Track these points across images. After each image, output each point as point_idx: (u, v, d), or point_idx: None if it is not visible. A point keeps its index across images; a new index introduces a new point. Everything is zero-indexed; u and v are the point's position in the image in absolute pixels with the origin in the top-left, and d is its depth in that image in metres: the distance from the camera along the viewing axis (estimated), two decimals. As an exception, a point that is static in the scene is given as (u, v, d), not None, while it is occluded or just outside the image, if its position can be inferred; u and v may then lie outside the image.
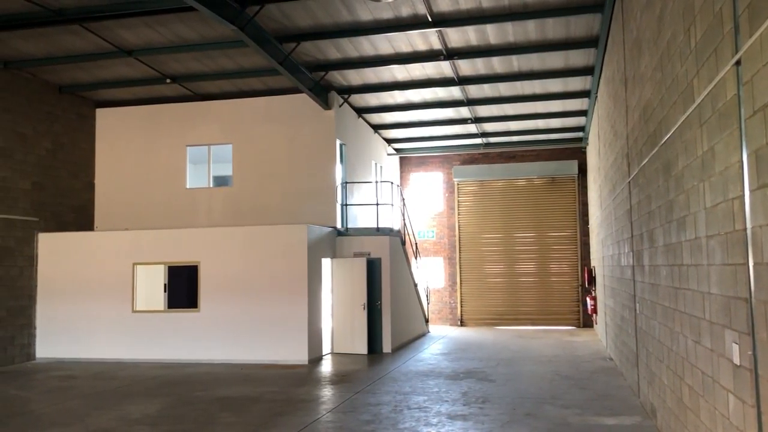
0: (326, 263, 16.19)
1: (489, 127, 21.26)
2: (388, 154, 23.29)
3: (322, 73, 15.80)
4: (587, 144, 21.76)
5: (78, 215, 17.32)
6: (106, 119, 18.21)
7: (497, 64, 15.54)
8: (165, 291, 15.36)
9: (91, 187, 17.90)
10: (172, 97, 17.88)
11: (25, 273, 15.48)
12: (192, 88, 17.24)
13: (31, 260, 15.68)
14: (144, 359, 15.19)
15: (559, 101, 18.34)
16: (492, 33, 13.70)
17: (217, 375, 13.12)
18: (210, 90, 17.44)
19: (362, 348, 15.92)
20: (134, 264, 15.55)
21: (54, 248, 15.88)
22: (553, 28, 13.38)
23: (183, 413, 9.67)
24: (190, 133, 17.83)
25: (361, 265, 16.18)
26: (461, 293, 23.68)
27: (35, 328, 15.69)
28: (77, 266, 15.77)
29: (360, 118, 19.65)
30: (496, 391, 11.03)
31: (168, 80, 16.26)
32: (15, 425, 9.13)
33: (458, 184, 24.03)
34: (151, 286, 15.61)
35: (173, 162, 17.83)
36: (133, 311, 15.43)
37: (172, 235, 15.62)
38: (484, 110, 19.36)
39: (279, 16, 12.72)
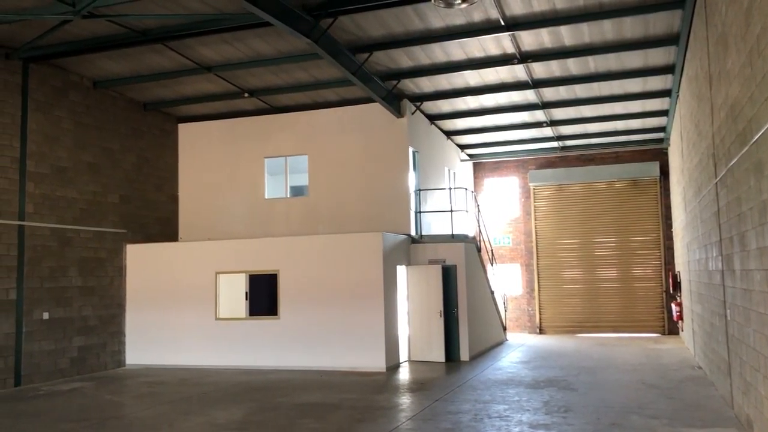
0: (401, 271, 16.22)
1: (565, 129, 20.84)
2: (462, 160, 23.16)
3: (395, 82, 15.89)
4: (669, 145, 21.00)
5: (163, 227, 18.01)
6: (187, 134, 18.89)
7: (573, 66, 15.23)
8: (246, 299, 15.75)
9: (174, 199, 18.59)
10: (250, 110, 18.37)
11: (115, 283, 16.20)
12: (269, 101, 17.67)
13: (121, 270, 16.40)
14: (227, 366, 15.61)
15: (639, 101, 17.79)
16: (567, 34, 13.44)
17: (297, 381, 13.34)
18: (286, 102, 17.83)
19: (439, 356, 15.84)
20: (217, 273, 16.03)
21: (141, 259, 16.56)
22: (630, 26, 13.01)
23: (266, 419, 9.87)
24: (267, 145, 18.27)
25: (437, 272, 16.13)
26: (539, 300, 23.25)
27: (125, 336, 16.39)
28: (163, 276, 16.39)
29: (432, 125, 19.64)
30: (579, 400, 10.76)
31: (246, 94, 16.72)
32: (110, 428, 9.56)
33: (534, 189, 23.64)
34: (233, 294, 16.03)
35: (252, 173, 18.31)
36: (216, 319, 15.90)
37: (252, 245, 16.02)
38: (559, 113, 19.00)
39: (352, 27, 12.88)
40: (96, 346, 15.44)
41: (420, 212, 17.61)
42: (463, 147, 22.91)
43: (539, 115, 19.20)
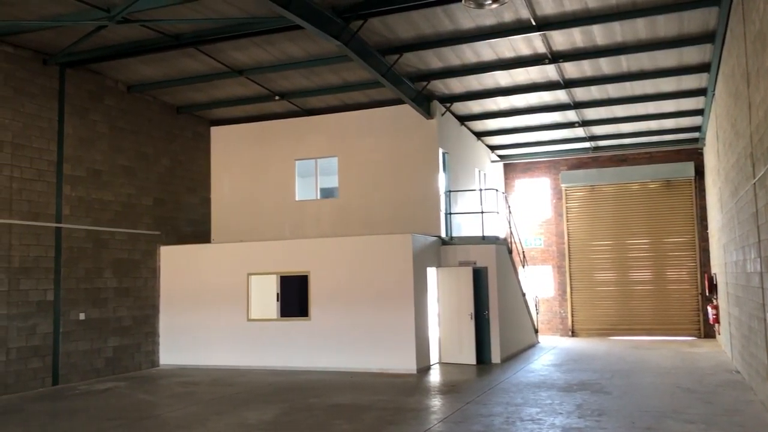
0: (431, 272, 16.18)
1: (598, 130, 20.60)
2: (492, 161, 23.03)
3: (425, 83, 15.86)
4: (704, 145, 20.62)
5: (196, 228, 18.23)
6: (220, 137, 19.10)
7: (605, 65, 15.04)
8: (278, 300, 15.86)
9: (207, 201, 18.80)
10: (281, 113, 18.51)
11: (149, 284, 16.44)
12: (299, 104, 17.78)
13: (154, 272, 16.64)
14: (258, 366, 15.73)
15: (673, 101, 17.50)
16: (599, 33, 13.28)
17: (328, 382, 13.38)
18: (316, 105, 17.92)
19: (470, 358, 15.76)
20: (248, 274, 16.17)
21: (174, 260, 16.78)
22: (664, 25, 12.80)
23: (298, 419, 9.92)
24: (298, 148, 18.38)
25: (467, 274, 16.06)
26: (572, 302, 22.99)
27: (159, 336, 16.62)
28: (196, 277, 16.59)
29: (462, 126, 19.56)
30: (613, 404, 10.61)
31: (277, 97, 16.85)
32: (145, 427, 9.70)
33: (566, 190, 23.41)
34: (265, 295, 16.15)
35: (283, 175, 18.43)
36: (248, 320, 16.03)
37: (283, 246, 16.13)
38: (591, 113, 18.79)
39: (382, 29, 12.90)
40: (130, 346, 15.69)
41: (450, 214, 17.55)
42: (493, 148, 22.78)
43: (571, 116, 19.00)
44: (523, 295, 19.24)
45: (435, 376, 14.10)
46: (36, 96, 13.62)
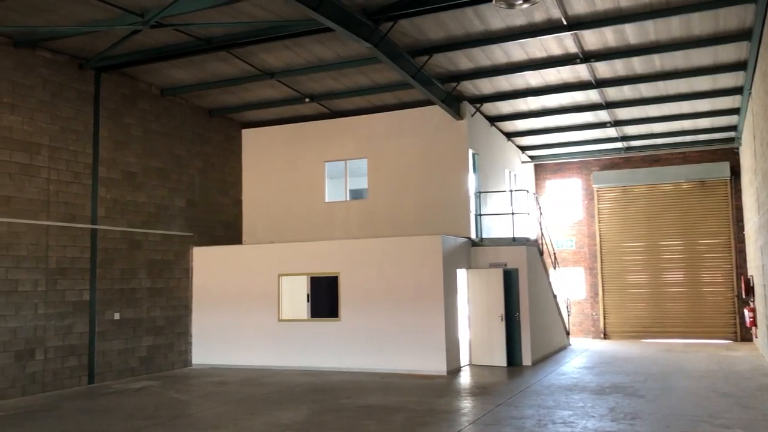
0: (461, 274, 16.12)
1: (630, 130, 20.34)
2: (522, 162, 22.88)
3: (454, 84, 15.83)
4: (740, 144, 20.23)
5: (227, 230, 18.43)
6: (251, 139, 19.28)
7: (638, 65, 14.85)
8: (308, 301, 15.95)
9: (238, 203, 18.99)
10: (311, 115, 18.62)
11: (182, 284, 16.66)
12: (329, 106, 17.87)
13: (187, 272, 16.86)
14: (289, 366, 15.83)
15: (708, 100, 17.20)
16: (631, 32, 13.12)
17: (358, 383, 13.42)
18: (345, 107, 17.99)
19: (501, 360, 15.67)
20: (279, 275, 16.29)
21: (207, 261, 16.99)
22: (699, 23, 12.60)
23: (329, 420, 9.97)
24: (327, 149, 18.47)
25: (498, 275, 15.97)
26: (604, 304, 22.73)
27: (191, 336, 16.83)
28: (227, 278, 16.76)
29: (492, 127, 19.47)
30: (647, 408, 10.46)
31: (307, 99, 16.96)
32: (178, 426, 9.83)
33: (598, 191, 23.15)
34: (295, 296, 16.25)
35: (312, 177, 18.53)
36: (279, 320, 16.15)
37: (313, 248, 16.22)
38: (624, 113, 18.56)
39: (411, 30, 12.91)
40: (164, 346, 15.91)
41: (480, 215, 17.47)
42: (524, 148, 22.63)
43: (603, 116, 18.80)
44: (554, 297, 19.08)
45: (465, 378, 14.04)
46: (72, 100, 13.90)
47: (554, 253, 21.98)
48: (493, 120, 19.16)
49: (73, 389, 13.34)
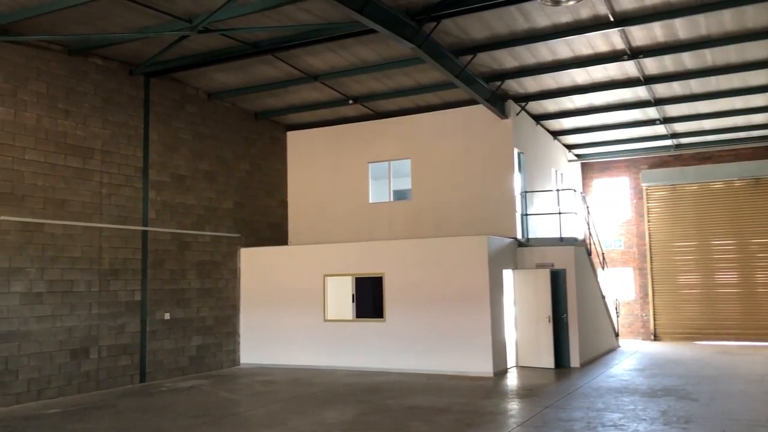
0: (507, 274, 15.98)
1: (680, 127, 19.87)
2: (569, 161, 22.55)
3: (498, 83, 15.70)
4: (797, 139, 19.57)
5: (274, 231, 18.65)
6: (295, 141, 19.47)
7: (688, 60, 14.50)
8: (353, 301, 16.03)
9: (284, 204, 19.20)
10: (354, 116, 18.70)
11: (230, 285, 16.93)
12: (372, 107, 17.93)
13: (235, 273, 17.12)
14: (335, 366, 15.93)
15: (762, 95, 16.68)
16: (681, 27, 12.82)
17: (404, 384, 13.42)
18: (389, 108, 18.02)
19: (548, 362, 15.47)
20: (324, 275, 16.41)
21: (254, 262, 17.22)
22: (753, 15, 12.24)
23: (376, 420, 9.99)
24: (371, 151, 18.52)
25: (545, 276, 15.77)
26: (654, 305, 22.23)
27: (239, 336, 17.08)
28: (274, 278, 16.97)
29: (538, 125, 19.25)
30: (701, 411, 10.19)
31: (350, 101, 17.05)
32: (228, 425, 9.99)
33: (647, 190, 22.67)
34: (341, 296, 16.34)
35: (356, 178, 18.61)
36: (325, 320, 16.27)
37: (358, 248, 16.29)
38: (673, 110, 18.14)
39: (455, 30, 12.86)
40: (213, 345, 16.19)
41: (526, 215, 17.29)
42: (570, 147, 22.32)
43: (651, 113, 18.40)
44: (603, 297, 18.75)
45: (512, 380, 13.92)
46: (123, 105, 14.26)
47: (602, 253, 21.60)
48: (539, 118, 18.94)
49: (125, 387, 13.68)
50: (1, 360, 11.58)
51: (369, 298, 16.05)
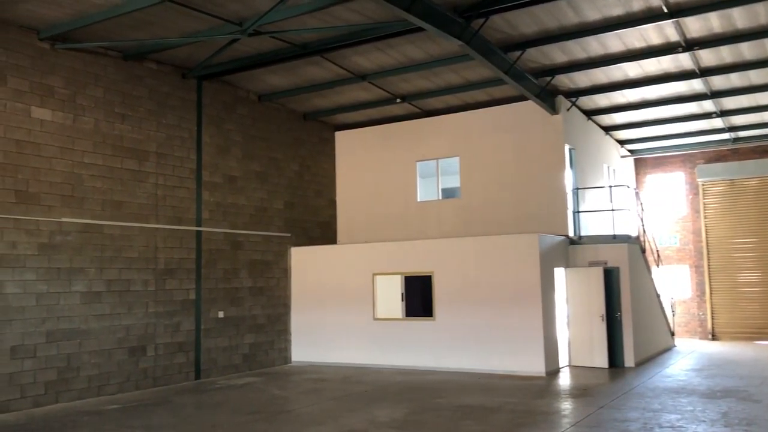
0: (559, 273, 15.75)
1: (738, 120, 19.26)
2: (622, 156, 22.10)
3: (548, 78, 15.48)
4: None
5: (323, 230, 18.81)
6: (344, 141, 19.58)
7: (747, 51, 14.04)
8: (402, 300, 16.04)
9: (333, 204, 19.35)
10: (402, 115, 18.70)
11: (281, 284, 17.15)
12: (420, 106, 17.90)
13: (286, 272, 17.33)
14: (384, 365, 15.98)
15: (826, 84, 16.05)
16: (739, 17, 12.42)
17: (454, 383, 13.37)
18: (436, 106, 17.97)
19: (602, 361, 15.19)
20: (374, 274, 16.47)
21: (304, 261, 17.40)
22: (816, 2, 11.76)
23: (427, 419, 9.98)
24: (419, 149, 18.49)
25: (598, 274, 15.49)
26: (711, 304, 21.60)
27: (290, 334, 17.29)
28: (324, 277, 17.11)
29: (589, 121, 18.91)
30: (764, 413, 9.86)
31: (398, 100, 17.06)
32: (281, 422, 10.13)
33: (703, 185, 22.04)
34: (390, 295, 16.36)
35: (404, 177, 18.61)
36: (374, 319, 16.33)
37: (407, 247, 16.30)
38: (731, 102, 17.59)
39: (504, 26, 12.73)
40: (264, 343, 16.43)
41: (578, 212, 17.01)
42: (622, 142, 21.87)
43: (707, 106, 17.89)
44: (658, 296, 18.31)
45: (565, 379, 13.72)
46: (176, 108, 14.58)
47: (657, 251, 21.10)
48: (590, 114, 18.61)
49: (181, 384, 14.00)
50: (63, 357, 11.99)
51: (418, 296, 16.04)
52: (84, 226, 12.52)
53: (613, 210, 17.40)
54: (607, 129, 20.24)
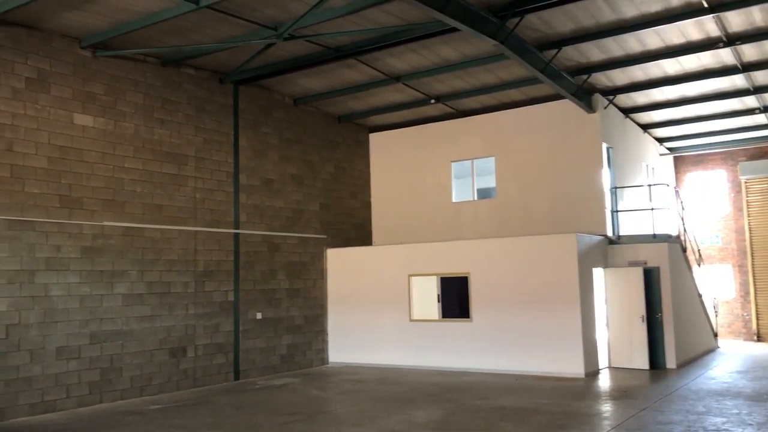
0: (598, 273, 15.54)
1: (781, 115, 18.78)
2: (660, 155, 21.72)
3: (585, 76, 15.29)
4: None
5: (358, 231, 18.88)
6: (378, 142, 19.62)
7: (791, 44, 13.69)
8: (438, 301, 16.01)
9: (368, 205, 19.41)
10: (436, 116, 18.66)
11: (318, 285, 17.26)
12: (454, 106, 17.84)
13: (322, 273, 17.44)
14: (421, 366, 15.96)
15: None
16: (783, 9, 12.11)
17: (491, 384, 13.29)
18: (471, 106, 17.88)
19: (643, 362, 14.94)
20: (409, 275, 16.47)
21: (340, 262, 17.49)
22: None
23: (465, 420, 9.95)
24: (453, 149, 18.43)
25: (637, 274, 15.25)
26: (756, 304, 21.08)
27: (327, 335, 17.39)
28: (360, 278, 17.17)
29: (627, 119, 18.63)
30: (812, 417, 9.60)
31: (432, 101, 17.03)
32: (320, 422, 10.20)
33: (746, 183, 21.53)
34: (426, 296, 16.33)
35: (439, 178, 18.57)
36: (410, 320, 16.32)
37: (442, 248, 16.25)
38: (775, 97, 17.17)
39: (539, 24, 12.63)
40: (302, 344, 16.55)
41: (616, 211, 16.76)
42: (661, 140, 21.49)
43: (750, 102, 17.47)
44: (700, 296, 17.95)
45: (605, 381, 13.53)
46: (214, 113, 14.79)
47: (698, 250, 20.68)
48: (628, 112, 18.34)
49: (220, 385, 14.18)
50: (106, 358, 12.26)
51: (455, 297, 15.98)
52: (125, 230, 12.78)
53: (652, 209, 17.10)
54: (646, 127, 19.91)
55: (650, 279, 15.39)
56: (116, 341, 12.44)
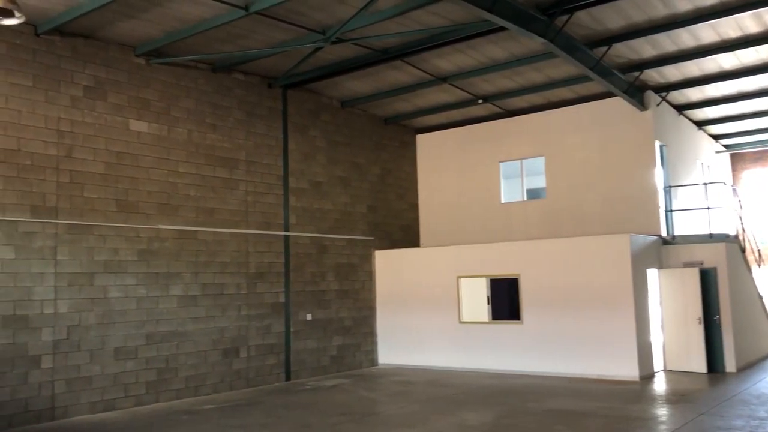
0: (652, 274, 15.19)
1: None
2: (717, 152, 21.12)
3: (637, 73, 14.98)
4: None
5: (405, 233, 18.89)
6: (425, 144, 19.59)
7: None
8: (488, 303, 15.88)
9: (415, 207, 19.40)
10: (484, 116, 18.53)
11: (366, 286, 17.33)
12: (502, 106, 17.69)
13: (370, 275, 17.50)
14: (471, 368, 15.85)
15: None
16: None
17: (543, 387, 13.12)
18: (519, 105, 17.71)
19: (700, 366, 14.54)
20: (458, 277, 16.39)
21: (388, 264, 17.52)
22: None
23: (517, 423, 9.85)
24: (502, 150, 18.27)
25: (694, 275, 14.85)
26: (819, 306, 20.27)
27: (376, 336, 17.44)
28: (408, 280, 17.17)
29: (681, 116, 18.17)
30: None
31: (480, 101, 16.92)
32: (371, 423, 10.23)
33: (807, 179, 20.76)
34: (475, 298, 16.22)
35: (487, 178, 18.43)
36: (460, 322, 16.24)
37: (492, 249, 16.13)
38: (838, 91, 16.51)
39: (588, 21, 12.43)
40: (352, 345, 16.64)
41: (671, 211, 16.36)
42: (717, 137, 20.90)
43: (812, 95, 16.86)
44: (760, 297, 17.37)
45: (660, 384, 13.22)
46: (264, 117, 15.01)
47: (758, 250, 20.01)
48: (681, 108, 17.89)
49: (272, 385, 14.37)
50: (162, 359, 12.55)
51: (505, 299, 15.83)
52: (179, 233, 13.07)
53: (708, 208, 16.62)
54: (700, 124, 19.40)
55: (707, 280, 14.97)
56: (172, 342, 12.73)
